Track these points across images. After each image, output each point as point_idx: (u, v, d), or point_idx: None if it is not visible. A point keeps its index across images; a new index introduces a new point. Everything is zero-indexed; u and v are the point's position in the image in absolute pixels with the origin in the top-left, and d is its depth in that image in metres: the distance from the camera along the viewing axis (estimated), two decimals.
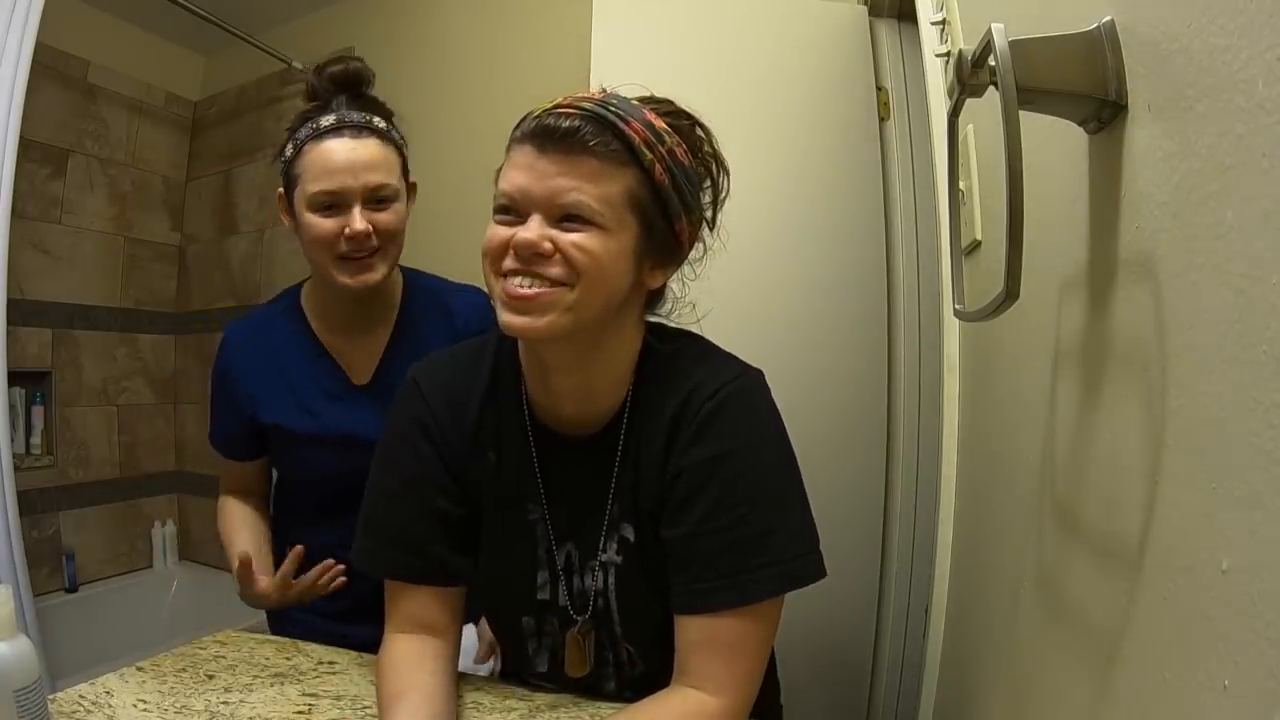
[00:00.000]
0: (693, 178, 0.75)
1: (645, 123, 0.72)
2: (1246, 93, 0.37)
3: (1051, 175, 0.65)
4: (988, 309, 0.54)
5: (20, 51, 1.54)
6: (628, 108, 0.72)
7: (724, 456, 0.73)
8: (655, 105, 0.76)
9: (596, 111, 0.70)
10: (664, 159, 0.72)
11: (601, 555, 0.80)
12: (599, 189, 0.69)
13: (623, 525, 0.79)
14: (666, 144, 0.73)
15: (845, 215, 1.80)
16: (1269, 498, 0.35)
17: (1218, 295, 0.39)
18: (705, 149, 0.80)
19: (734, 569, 0.71)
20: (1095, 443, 0.57)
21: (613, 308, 0.74)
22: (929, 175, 1.55)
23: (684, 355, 0.80)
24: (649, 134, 0.72)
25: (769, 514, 0.73)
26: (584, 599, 0.82)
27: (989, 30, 0.50)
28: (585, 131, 0.69)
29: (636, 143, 0.70)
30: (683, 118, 0.78)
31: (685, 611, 0.73)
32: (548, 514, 0.81)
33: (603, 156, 0.69)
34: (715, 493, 0.73)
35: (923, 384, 1.78)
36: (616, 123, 0.70)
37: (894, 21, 1.89)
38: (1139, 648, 0.48)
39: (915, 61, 1.78)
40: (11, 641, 0.62)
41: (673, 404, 0.76)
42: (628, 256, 0.72)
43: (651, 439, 0.77)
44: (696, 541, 0.73)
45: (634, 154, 0.70)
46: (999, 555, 0.90)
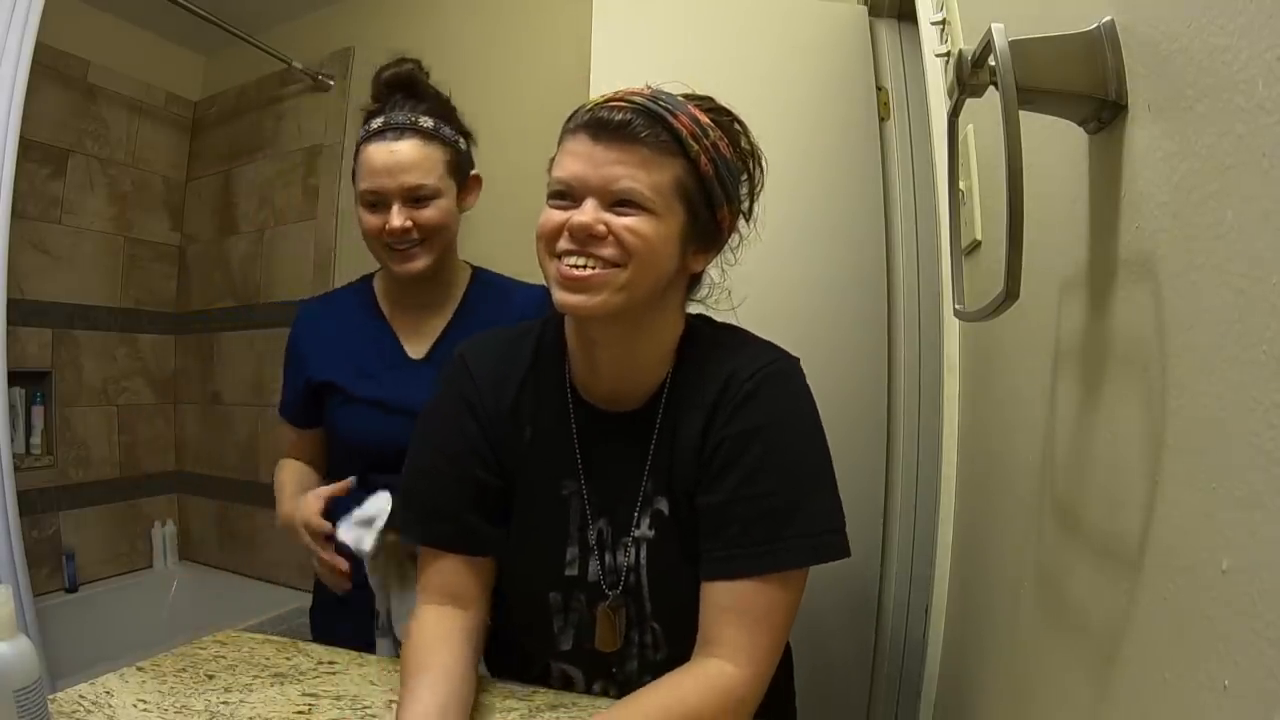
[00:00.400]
0: (733, 169, 0.81)
1: (691, 117, 0.77)
2: (1246, 93, 0.37)
3: (1051, 175, 0.65)
4: (988, 309, 0.54)
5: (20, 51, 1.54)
6: (675, 103, 0.77)
7: (760, 429, 0.78)
8: (699, 101, 0.81)
9: (647, 106, 0.75)
10: (708, 150, 0.77)
11: (635, 531, 0.83)
12: (650, 176, 0.74)
13: (657, 500, 0.83)
14: (710, 137, 0.77)
15: (845, 215, 1.80)
16: (1269, 498, 0.35)
17: (1218, 295, 0.39)
18: (743, 143, 0.85)
19: (767, 536, 0.75)
20: (1095, 443, 0.57)
21: (659, 289, 0.78)
22: (929, 175, 1.55)
23: (726, 341, 0.85)
24: (695, 127, 0.77)
25: (803, 486, 0.78)
26: (615, 575, 0.84)
27: (989, 30, 0.50)
28: (637, 123, 0.74)
29: (684, 135, 0.75)
30: (723, 114, 0.83)
31: (716, 576, 0.76)
32: (585, 489, 0.84)
33: (653, 146, 0.74)
34: (751, 463, 0.77)
35: (923, 384, 1.78)
36: (665, 116, 0.75)
37: (894, 21, 1.89)
38: (1139, 648, 0.48)
39: (915, 61, 1.78)
40: (11, 641, 0.62)
41: (713, 387, 0.80)
42: (674, 241, 0.77)
43: (690, 418, 0.81)
44: (731, 508, 0.76)
45: (681, 145, 0.75)
46: (999, 555, 0.90)
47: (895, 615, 1.76)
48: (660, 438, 0.83)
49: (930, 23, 1.23)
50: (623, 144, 0.74)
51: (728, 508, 0.77)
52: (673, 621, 0.84)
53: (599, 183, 0.74)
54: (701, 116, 0.78)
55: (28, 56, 1.55)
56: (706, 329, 0.87)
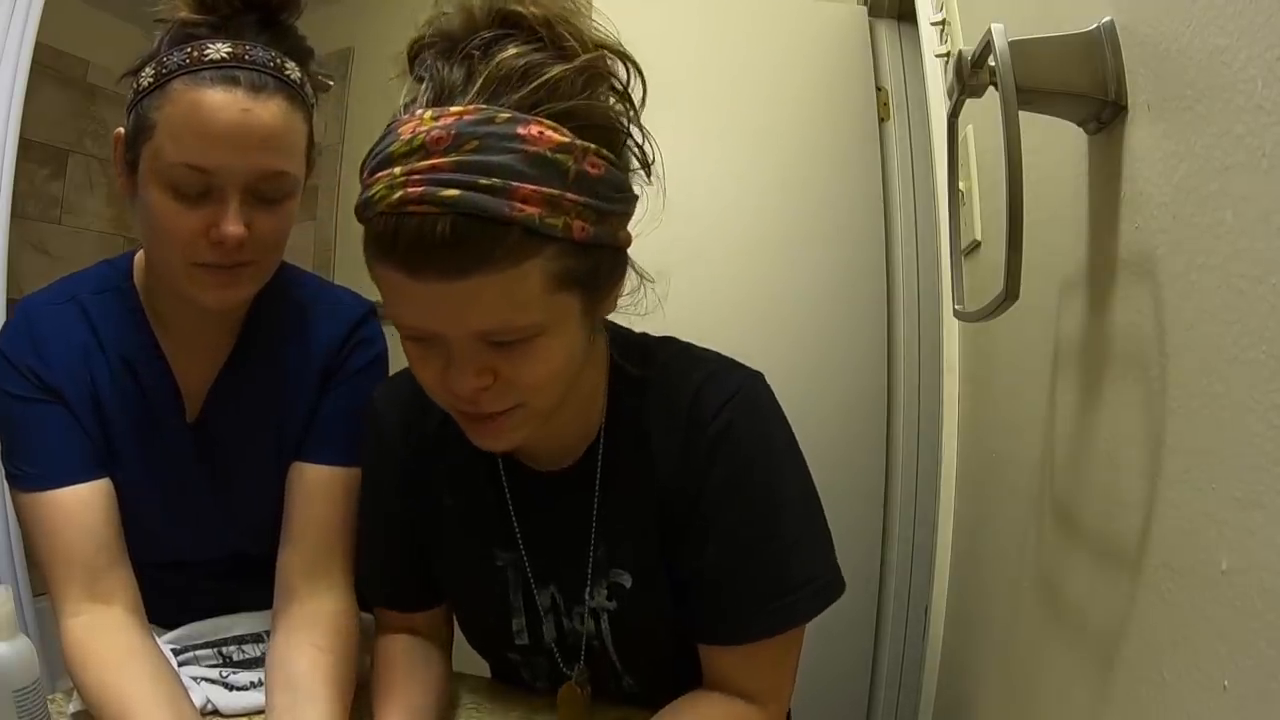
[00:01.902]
0: (617, 177, 0.57)
1: (537, 168, 0.51)
2: (1246, 93, 0.37)
3: (1051, 175, 0.65)
4: (988, 309, 0.54)
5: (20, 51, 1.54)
6: (504, 164, 0.50)
7: (740, 482, 0.66)
8: (538, 87, 0.53)
9: (466, 201, 0.50)
10: (577, 205, 0.53)
11: (591, 601, 0.72)
12: (516, 300, 0.53)
13: (614, 572, 0.71)
14: (572, 171, 0.53)
15: (845, 215, 1.80)
16: (1269, 498, 0.35)
17: (1218, 295, 0.39)
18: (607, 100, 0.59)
19: (768, 595, 0.66)
20: (1095, 443, 0.57)
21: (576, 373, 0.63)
22: (929, 175, 1.55)
23: (666, 367, 0.70)
24: (548, 185, 0.52)
25: (798, 529, 0.68)
26: (575, 638, 0.75)
27: (989, 30, 0.50)
28: (466, 242, 0.50)
29: (537, 220, 0.51)
30: (578, 81, 0.55)
31: (718, 643, 0.69)
32: (525, 558, 0.74)
33: (502, 261, 0.51)
34: (736, 520, 0.67)
35: (923, 384, 1.78)
36: (501, 208, 0.50)
37: (894, 22, 1.89)
38: (1139, 648, 0.48)
39: (915, 62, 1.77)
40: (11, 641, 0.62)
41: (665, 433, 0.68)
42: (575, 331, 0.59)
43: (642, 469, 0.69)
44: (724, 573, 0.67)
45: (540, 231, 0.52)
46: (999, 555, 0.90)
47: (895, 615, 1.76)
48: (605, 497, 0.70)
49: (930, 23, 1.23)
50: (458, 278, 0.51)
51: (720, 573, 0.67)
52: (648, 672, 0.76)
53: (456, 334, 0.55)
54: (552, 135, 0.52)
55: (28, 56, 1.55)
56: (630, 364, 0.70)
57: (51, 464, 0.75)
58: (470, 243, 0.50)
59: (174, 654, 0.80)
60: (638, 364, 0.70)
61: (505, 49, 0.54)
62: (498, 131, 0.51)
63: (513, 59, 0.53)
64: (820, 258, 1.78)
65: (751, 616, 0.67)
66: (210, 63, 0.67)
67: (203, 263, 0.70)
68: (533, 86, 0.53)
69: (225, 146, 0.67)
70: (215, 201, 0.68)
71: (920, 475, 1.75)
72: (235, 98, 0.67)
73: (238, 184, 0.68)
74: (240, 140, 0.67)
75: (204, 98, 0.66)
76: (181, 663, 0.80)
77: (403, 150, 0.51)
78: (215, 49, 0.67)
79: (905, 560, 1.77)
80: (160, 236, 0.70)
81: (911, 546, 1.76)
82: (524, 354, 0.56)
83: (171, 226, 0.69)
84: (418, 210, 0.50)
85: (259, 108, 0.67)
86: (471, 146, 0.51)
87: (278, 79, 0.69)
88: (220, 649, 0.83)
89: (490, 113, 0.52)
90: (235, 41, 0.68)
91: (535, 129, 0.52)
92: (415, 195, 0.50)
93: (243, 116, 0.67)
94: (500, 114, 0.52)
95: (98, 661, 0.69)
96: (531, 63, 0.53)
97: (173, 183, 0.68)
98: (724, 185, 1.78)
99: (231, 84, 0.67)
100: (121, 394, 0.79)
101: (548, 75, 0.53)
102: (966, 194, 0.99)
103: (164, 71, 0.68)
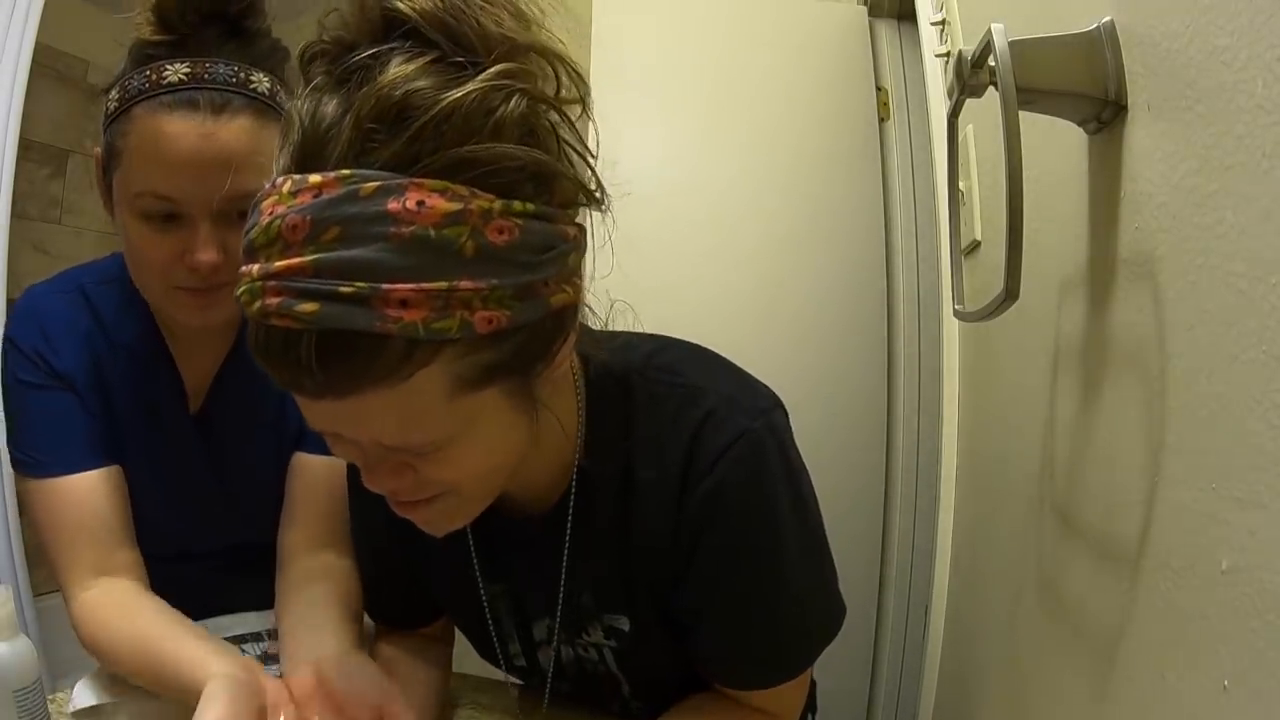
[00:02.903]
0: (541, 231, 0.44)
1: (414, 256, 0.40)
2: (1246, 93, 0.37)
3: (1051, 175, 0.65)
4: (988, 309, 0.54)
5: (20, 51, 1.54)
6: (370, 261, 0.39)
7: (736, 548, 0.59)
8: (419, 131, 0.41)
9: (327, 317, 0.39)
10: (478, 293, 0.41)
11: (589, 637, 0.68)
12: (410, 415, 0.44)
13: (608, 616, 0.65)
14: (469, 248, 0.41)
15: (845, 215, 1.80)
16: (1269, 498, 0.35)
17: (1218, 295, 0.40)
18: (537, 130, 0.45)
19: (769, 656, 0.64)
20: (1095, 443, 0.57)
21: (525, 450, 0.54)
22: (929, 175, 1.55)
23: (659, 401, 0.60)
24: (431, 277, 0.40)
25: (798, 586, 0.62)
26: (575, 668, 0.71)
27: (989, 30, 0.50)
28: (333, 366, 0.41)
29: (420, 329, 0.40)
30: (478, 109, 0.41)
31: (725, 686, 0.67)
32: (513, 594, 0.69)
33: (385, 378, 0.42)
34: (733, 586, 0.61)
35: (923, 384, 1.78)
36: (370, 322, 0.40)
37: (894, 21, 1.89)
38: (1139, 648, 0.48)
39: (915, 62, 1.78)
40: (11, 641, 0.62)
41: (659, 473, 0.59)
42: (503, 420, 0.49)
43: (630, 512, 0.61)
44: (721, 632, 0.63)
45: (427, 341, 0.41)
46: (999, 555, 0.90)
47: (895, 615, 1.76)
48: (578, 547, 0.63)
49: (930, 23, 1.23)
50: (337, 400, 0.42)
51: (718, 633, 0.63)
52: (659, 692, 0.72)
53: (356, 438, 0.47)
54: (436, 203, 0.40)
55: (28, 56, 1.55)
56: (610, 397, 0.61)
57: (61, 450, 0.74)
58: (339, 366, 0.41)
59: None
60: (619, 396, 0.60)
61: (386, 70, 0.41)
62: (362, 213, 0.39)
63: (390, 88, 0.41)
64: (820, 258, 1.78)
65: (752, 673, 0.65)
66: (168, 86, 0.64)
67: (180, 286, 0.69)
68: (411, 133, 0.40)
69: (188, 174, 0.65)
70: (187, 227, 0.67)
71: (920, 475, 1.75)
72: (194, 123, 0.64)
73: (206, 210, 0.66)
74: (203, 166, 0.64)
75: (163, 125, 0.64)
76: None
77: (261, 240, 0.41)
78: (174, 70, 0.65)
79: (905, 560, 1.76)
80: (137, 261, 0.70)
81: (911, 546, 1.76)
82: (439, 457, 0.47)
83: (146, 253, 0.68)
84: (279, 324, 0.40)
85: (221, 130, 0.65)
86: (331, 236, 0.40)
87: (242, 94, 0.66)
88: None
89: (355, 183, 0.40)
90: (195, 60, 0.65)
91: (412, 199, 0.40)
92: (274, 307, 0.40)
93: (203, 142, 0.64)
94: (366, 184, 0.40)
95: (112, 620, 0.69)
96: (412, 92, 0.41)
97: (142, 210, 0.67)
98: (724, 185, 1.79)
99: (190, 108, 0.64)
100: (126, 383, 0.79)
101: (434, 111, 0.40)
102: (966, 194, 0.99)
103: (126, 96, 0.66)
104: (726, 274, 1.75)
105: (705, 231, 1.76)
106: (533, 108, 0.44)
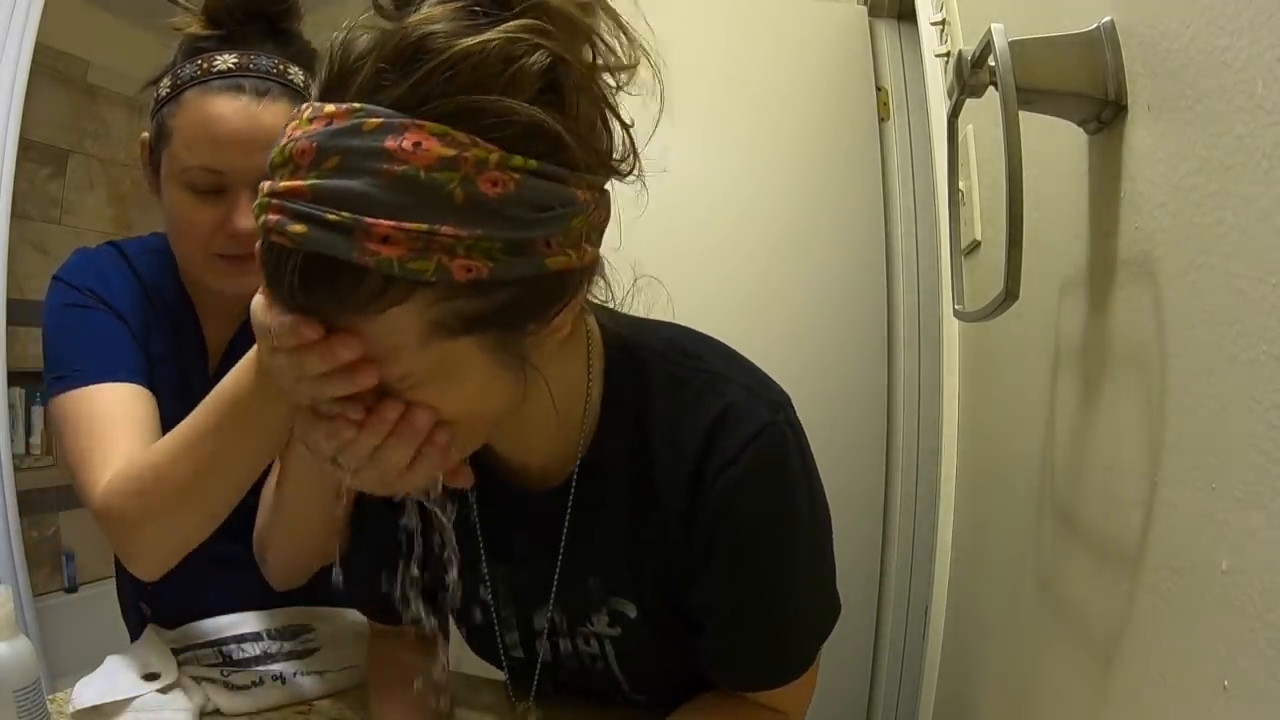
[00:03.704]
0: (541, 189, 0.44)
1: (400, 195, 0.41)
2: (1246, 93, 0.37)
3: (1051, 175, 0.65)
4: (988, 309, 0.54)
5: (20, 51, 1.54)
6: (358, 193, 0.40)
7: (750, 548, 0.59)
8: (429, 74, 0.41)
9: (312, 240, 0.41)
10: (460, 241, 0.41)
11: (592, 626, 0.66)
12: (384, 348, 0.45)
13: (614, 600, 0.65)
14: (459, 195, 0.41)
15: (845, 215, 1.80)
16: (1269, 498, 0.35)
17: (1218, 295, 0.40)
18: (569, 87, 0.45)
19: (783, 646, 0.64)
20: (1095, 443, 0.57)
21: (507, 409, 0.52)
22: (929, 175, 1.55)
23: (679, 386, 0.60)
24: (414, 217, 0.41)
25: (808, 581, 0.64)
26: (575, 660, 0.70)
27: (989, 30, 0.50)
28: (314, 287, 0.43)
29: (395, 266, 0.41)
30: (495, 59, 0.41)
31: (729, 685, 0.67)
32: (514, 577, 0.68)
33: (360, 308, 0.43)
34: (743, 585, 0.61)
35: (923, 384, 1.78)
36: (349, 251, 0.41)
37: (894, 21, 1.89)
38: (1139, 648, 0.48)
39: (915, 62, 1.78)
40: (11, 641, 0.62)
41: (674, 466, 0.59)
42: (484, 375, 0.48)
43: (642, 498, 0.61)
44: (727, 628, 0.63)
45: (402, 279, 0.42)
46: (999, 555, 0.90)
47: (895, 615, 1.76)
48: (581, 527, 0.62)
49: (930, 23, 1.23)
50: (319, 319, 0.44)
51: (724, 628, 0.63)
52: (657, 689, 0.72)
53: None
54: (430, 151, 0.40)
55: (28, 56, 1.55)
56: (625, 381, 0.60)
57: (110, 362, 0.77)
58: (319, 288, 0.43)
59: (174, 653, 0.80)
60: (637, 375, 0.60)
61: (421, 8, 0.43)
62: (361, 146, 0.41)
63: (411, 29, 0.41)
64: (820, 258, 1.78)
65: (756, 672, 0.65)
66: (218, 73, 0.73)
67: (219, 254, 0.76)
68: (420, 74, 0.41)
69: (234, 148, 0.72)
70: (228, 198, 0.74)
71: (920, 475, 1.75)
72: (241, 103, 0.72)
73: (248, 182, 0.72)
74: (247, 142, 0.72)
75: (213, 105, 0.72)
76: (181, 662, 0.80)
77: (277, 160, 0.44)
78: (223, 60, 0.74)
79: (905, 560, 1.77)
80: (181, 230, 0.77)
81: (911, 547, 1.76)
82: (415, 398, 0.47)
83: (190, 221, 0.75)
84: (275, 241, 0.43)
85: (263, 111, 0.73)
86: (331, 165, 0.41)
87: (281, 83, 0.75)
88: (220, 648, 0.83)
89: (361, 117, 0.41)
90: (241, 51, 0.74)
91: (410, 140, 0.40)
92: (273, 224, 0.42)
93: (248, 120, 0.72)
94: (370, 119, 0.41)
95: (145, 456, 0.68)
96: (429, 34, 0.41)
97: (189, 183, 0.74)
98: (724, 185, 1.79)
99: (238, 91, 0.73)
100: (161, 338, 0.84)
101: (445, 55, 0.41)
102: (966, 194, 0.99)
103: (178, 83, 0.75)
104: (727, 274, 1.75)
105: (705, 231, 1.76)
106: (558, 66, 0.44)
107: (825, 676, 0.73)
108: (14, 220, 1.59)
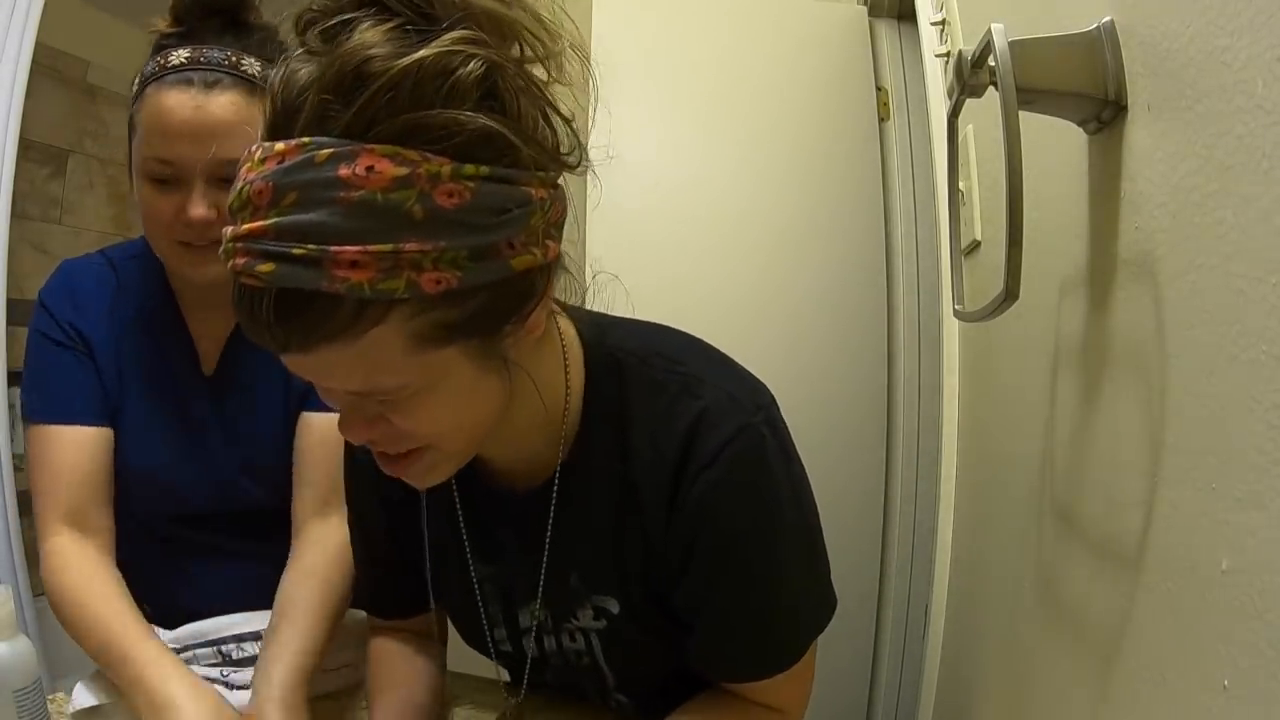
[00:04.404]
0: (496, 194, 0.45)
1: (361, 220, 0.42)
2: (1246, 93, 0.37)
3: (1051, 175, 0.65)
4: (988, 309, 0.54)
5: (20, 51, 1.54)
6: (320, 224, 0.41)
7: (730, 550, 0.59)
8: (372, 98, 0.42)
9: (282, 277, 0.42)
10: (426, 255, 0.43)
11: (576, 621, 0.67)
12: (372, 365, 0.46)
13: (597, 597, 0.65)
14: (418, 211, 0.42)
15: (845, 215, 1.80)
16: (1269, 498, 0.35)
17: (1218, 295, 0.40)
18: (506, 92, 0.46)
19: (771, 640, 0.63)
20: (1095, 443, 0.57)
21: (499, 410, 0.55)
22: (929, 175, 1.55)
23: (656, 390, 0.60)
24: (377, 239, 0.42)
25: (794, 585, 0.64)
26: (561, 657, 0.70)
27: (989, 30, 0.50)
28: (291, 322, 0.43)
29: (367, 289, 0.42)
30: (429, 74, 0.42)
31: (718, 678, 0.67)
32: (502, 576, 0.69)
33: (341, 335, 0.44)
34: (736, 579, 0.61)
35: (923, 384, 1.78)
36: (318, 282, 0.42)
37: (894, 21, 1.89)
38: (1139, 648, 0.48)
39: (915, 62, 1.78)
40: (11, 641, 0.62)
41: (655, 472, 0.59)
42: (470, 378, 0.50)
43: (621, 500, 0.61)
44: (714, 625, 0.63)
45: (376, 300, 0.43)
46: (999, 555, 0.90)
47: (895, 615, 1.76)
48: (564, 527, 0.63)
49: (930, 23, 1.23)
50: (300, 354, 0.45)
51: (712, 626, 0.63)
52: (645, 689, 0.72)
53: (327, 386, 0.50)
54: (385, 169, 0.41)
55: (28, 56, 1.55)
56: (605, 382, 0.61)
57: (60, 401, 0.84)
58: (296, 322, 0.43)
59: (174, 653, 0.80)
60: (615, 376, 0.61)
61: (353, 35, 0.43)
62: (316, 178, 0.42)
63: (349, 55, 0.42)
64: (820, 258, 1.78)
65: (745, 665, 0.64)
66: (172, 68, 0.76)
67: (182, 241, 0.79)
68: (364, 100, 0.42)
69: (182, 139, 0.75)
70: (184, 188, 0.77)
71: (920, 475, 1.75)
72: (189, 95, 0.75)
73: (199, 171, 0.76)
74: (194, 133, 0.75)
75: (165, 99, 0.75)
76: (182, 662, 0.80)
77: (236, 204, 0.44)
78: (177, 55, 0.77)
79: (905, 561, 1.77)
80: (147, 221, 0.81)
81: (911, 547, 1.76)
82: (408, 409, 0.49)
83: (154, 210, 0.79)
84: (246, 283, 0.44)
85: (211, 103, 0.76)
86: (289, 201, 0.42)
87: (232, 74, 0.77)
88: (220, 648, 0.83)
89: (311, 150, 0.42)
90: (195, 46, 0.77)
91: (362, 165, 0.41)
92: (241, 266, 0.43)
93: (195, 113, 0.75)
94: (321, 150, 0.42)
95: (74, 572, 0.78)
96: (369, 59, 0.42)
97: (149, 174, 0.78)
98: (724, 185, 1.78)
99: (186, 84, 0.75)
100: (143, 346, 0.88)
101: (386, 77, 0.42)
102: (966, 194, 0.99)
103: (142, 80, 0.78)
104: (726, 274, 1.75)
105: (705, 231, 1.76)
106: (495, 71, 0.45)
107: (825, 676, 0.73)
108: (14, 220, 1.59)
